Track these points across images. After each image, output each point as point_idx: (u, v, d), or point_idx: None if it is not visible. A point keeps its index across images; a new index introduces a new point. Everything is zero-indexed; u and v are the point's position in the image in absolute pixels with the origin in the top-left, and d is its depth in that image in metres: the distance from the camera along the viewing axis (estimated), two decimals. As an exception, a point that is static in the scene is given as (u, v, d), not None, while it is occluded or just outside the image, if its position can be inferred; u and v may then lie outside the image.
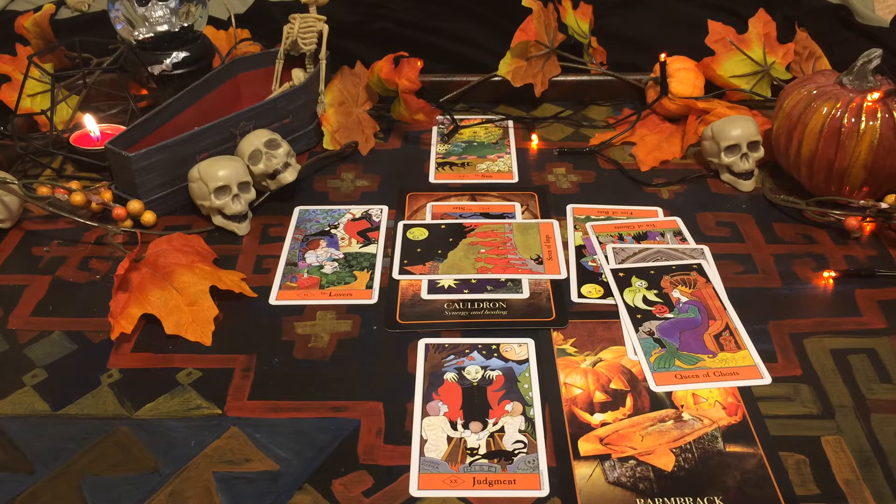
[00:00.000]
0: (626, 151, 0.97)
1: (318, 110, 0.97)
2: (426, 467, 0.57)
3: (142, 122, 0.86)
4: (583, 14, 1.06)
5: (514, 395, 0.63)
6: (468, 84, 1.06)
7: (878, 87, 0.79)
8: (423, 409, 0.62)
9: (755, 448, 0.58)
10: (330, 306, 0.73)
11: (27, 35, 0.99)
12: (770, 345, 0.68)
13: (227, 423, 0.61)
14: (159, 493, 0.55)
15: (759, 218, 0.84)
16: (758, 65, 1.01)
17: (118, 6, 0.98)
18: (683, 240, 0.81)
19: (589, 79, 1.07)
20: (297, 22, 0.96)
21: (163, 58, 0.98)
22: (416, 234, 0.81)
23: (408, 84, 0.93)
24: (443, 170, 0.94)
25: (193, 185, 0.82)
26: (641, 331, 0.69)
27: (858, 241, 0.81)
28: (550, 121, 1.04)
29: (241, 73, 0.99)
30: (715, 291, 0.73)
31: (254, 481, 0.56)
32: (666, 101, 0.99)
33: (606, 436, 0.59)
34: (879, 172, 0.80)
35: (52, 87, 0.93)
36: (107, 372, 0.66)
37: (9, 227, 0.82)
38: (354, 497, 0.55)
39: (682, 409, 0.61)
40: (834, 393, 0.63)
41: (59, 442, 0.59)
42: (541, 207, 0.86)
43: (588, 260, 0.78)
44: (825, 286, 0.75)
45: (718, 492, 0.55)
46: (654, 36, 1.14)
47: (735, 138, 0.87)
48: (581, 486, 0.56)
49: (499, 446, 0.59)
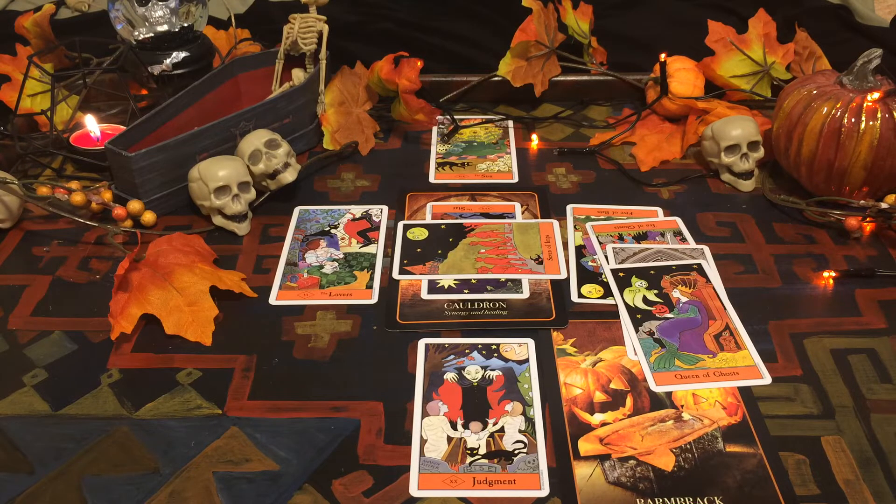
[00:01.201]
0: (626, 151, 0.97)
1: (318, 110, 0.97)
2: (426, 467, 0.57)
3: (142, 122, 0.86)
4: (583, 14, 1.06)
5: (514, 395, 0.63)
6: (468, 84, 1.06)
7: (878, 87, 0.79)
8: (424, 409, 0.62)
9: (755, 448, 0.58)
10: (330, 306, 0.73)
11: (27, 35, 0.99)
12: (770, 345, 0.68)
13: (227, 423, 0.61)
14: (159, 493, 0.55)
15: (759, 218, 0.84)
16: (758, 65, 1.01)
17: (118, 6, 0.98)
18: (683, 240, 0.81)
19: (589, 79, 1.07)
20: (297, 22, 0.96)
21: (163, 58, 0.98)
22: (416, 234, 0.81)
23: (408, 84, 0.93)
24: (443, 170, 0.94)
25: (193, 185, 0.82)
26: (641, 331, 0.69)
27: (858, 241, 0.81)
28: (550, 121, 1.04)
29: (241, 73, 0.99)
30: (715, 291, 0.73)
31: (254, 481, 0.56)
32: (666, 101, 0.99)
33: (606, 436, 0.59)
34: (879, 172, 0.80)
35: (52, 87, 0.93)
36: (107, 372, 0.66)
37: (9, 227, 0.82)
38: (354, 497, 0.55)
39: (682, 409, 0.61)
40: (834, 393, 0.63)
41: (59, 442, 0.59)
42: (541, 207, 0.86)
43: (588, 260, 0.78)
44: (825, 286, 0.75)
45: (718, 492, 0.55)
46: (654, 36, 1.14)
47: (735, 138, 0.87)
48: (581, 486, 0.56)
49: (499, 446, 0.59)
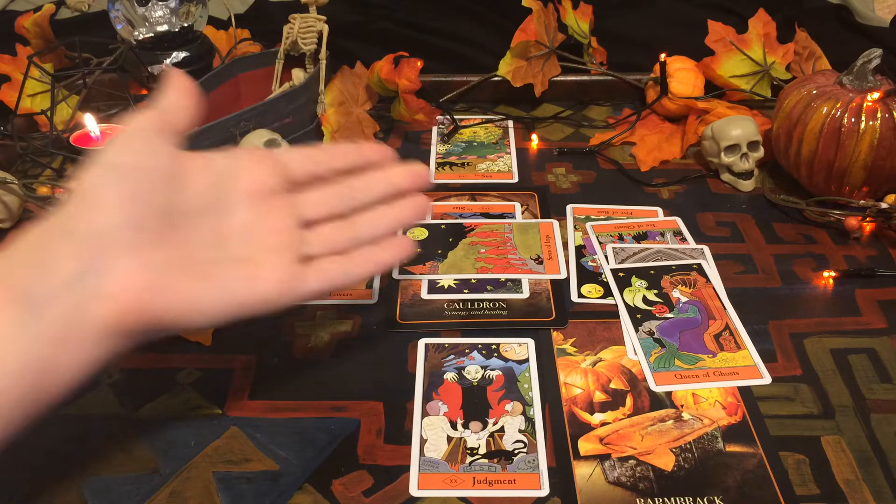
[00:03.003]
0: (626, 151, 0.97)
1: (318, 110, 0.97)
2: (426, 467, 0.57)
3: (142, 122, 0.86)
4: (583, 14, 1.06)
5: (514, 394, 0.63)
6: (468, 84, 1.06)
7: (878, 87, 0.80)
8: (423, 409, 0.62)
9: (755, 448, 0.58)
10: (330, 306, 0.73)
11: (27, 35, 0.99)
12: (770, 345, 0.68)
13: (227, 423, 0.61)
14: (159, 493, 0.55)
15: (759, 218, 0.84)
16: (758, 65, 1.01)
17: (118, 6, 0.98)
18: (683, 240, 0.81)
19: (589, 79, 1.07)
20: (297, 22, 0.96)
21: (163, 58, 0.98)
22: (415, 233, 0.81)
23: (408, 84, 0.93)
24: (443, 170, 0.94)
25: (193, 185, 0.82)
26: (641, 331, 0.69)
27: (858, 241, 0.81)
28: (550, 121, 1.04)
29: (241, 73, 0.99)
30: (715, 291, 0.73)
31: (254, 481, 0.56)
32: (666, 101, 0.99)
33: (606, 436, 0.59)
34: (879, 172, 0.80)
35: (52, 87, 0.93)
36: (107, 372, 0.66)
37: (9, 227, 0.82)
38: (354, 497, 0.55)
39: (682, 409, 0.62)
40: (834, 393, 0.63)
41: (58, 442, 0.59)
42: (541, 207, 0.86)
43: (588, 260, 0.78)
44: (825, 286, 0.75)
45: (718, 491, 0.55)
46: (654, 36, 1.14)
47: (735, 138, 0.87)
48: (581, 485, 0.56)
49: (499, 446, 0.59)
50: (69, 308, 0.43)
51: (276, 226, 0.52)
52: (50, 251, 0.44)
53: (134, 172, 0.46)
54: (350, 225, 0.56)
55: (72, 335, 0.43)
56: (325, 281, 0.53)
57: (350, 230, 0.55)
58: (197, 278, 0.48)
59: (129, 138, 0.48)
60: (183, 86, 0.52)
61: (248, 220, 0.51)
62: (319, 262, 0.53)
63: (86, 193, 0.45)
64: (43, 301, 0.42)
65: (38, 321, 0.42)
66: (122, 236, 0.45)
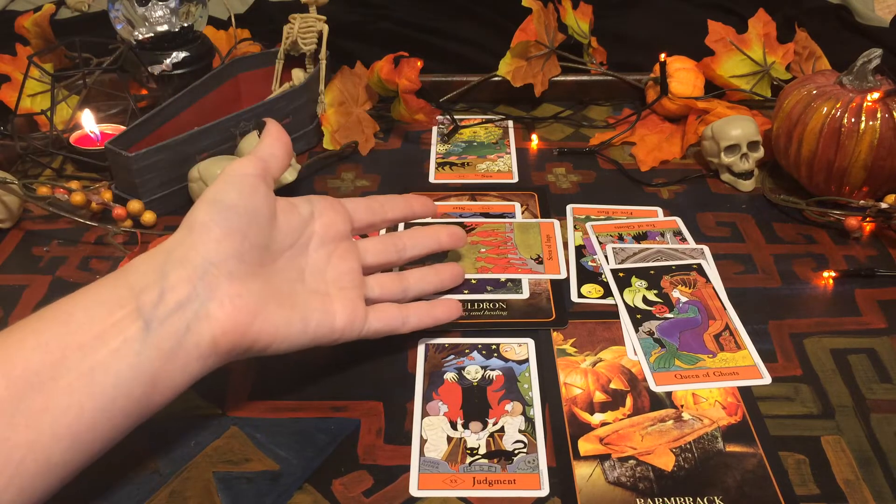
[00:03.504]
0: (626, 151, 0.97)
1: (318, 110, 0.97)
2: (426, 467, 0.57)
3: (142, 122, 0.86)
4: (583, 14, 1.06)
5: (514, 395, 0.63)
6: (468, 84, 1.06)
7: (878, 87, 0.80)
8: (423, 409, 0.62)
9: (755, 448, 0.58)
10: (330, 306, 0.73)
11: (27, 35, 0.99)
12: (770, 345, 0.68)
13: (227, 422, 0.61)
14: (159, 493, 0.55)
15: (759, 218, 0.84)
16: (758, 65, 1.01)
17: (118, 6, 0.98)
18: (683, 240, 0.81)
19: (589, 79, 1.07)
20: (297, 22, 0.96)
21: (163, 58, 0.98)
22: (416, 234, 0.81)
23: (408, 84, 0.93)
24: (443, 170, 0.94)
25: (193, 185, 0.82)
26: (641, 331, 0.69)
27: (858, 241, 0.81)
28: (550, 121, 1.04)
29: (241, 73, 0.99)
30: (715, 291, 0.73)
31: (254, 481, 0.56)
32: (666, 101, 0.99)
33: (606, 436, 0.59)
34: (879, 172, 0.80)
35: (52, 87, 0.93)
36: (107, 372, 0.66)
37: (9, 227, 0.82)
38: (354, 497, 0.55)
39: (682, 409, 0.62)
40: (834, 393, 0.63)
41: (59, 442, 0.59)
42: (541, 207, 0.86)
43: (588, 260, 0.78)
44: (825, 286, 0.75)
45: (718, 491, 0.55)
46: (654, 36, 1.14)
47: (735, 138, 0.87)
48: (581, 485, 0.56)
49: (499, 446, 0.59)
50: (180, 327, 0.49)
51: (345, 266, 0.60)
52: (170, 277, 0.50)
53: (240, 212, 0.53)
54: (401, 278, 0.65)
55: (180, 351, 0.50)
56: (385, 323, 0.61)
57: (401, 282, 0.64)
58: (285, 307, 0.55)
59: (236, 181, 0.55)
60: (279, 136, 0.60)
61: (321, 258, 0.59)
62: (380, 306, 0.62)
63: (196, 225, 0.52)
64: (160, 319, 0.49)
65: (153, 336, 0.48)
66: (227, 266, 0.52)
